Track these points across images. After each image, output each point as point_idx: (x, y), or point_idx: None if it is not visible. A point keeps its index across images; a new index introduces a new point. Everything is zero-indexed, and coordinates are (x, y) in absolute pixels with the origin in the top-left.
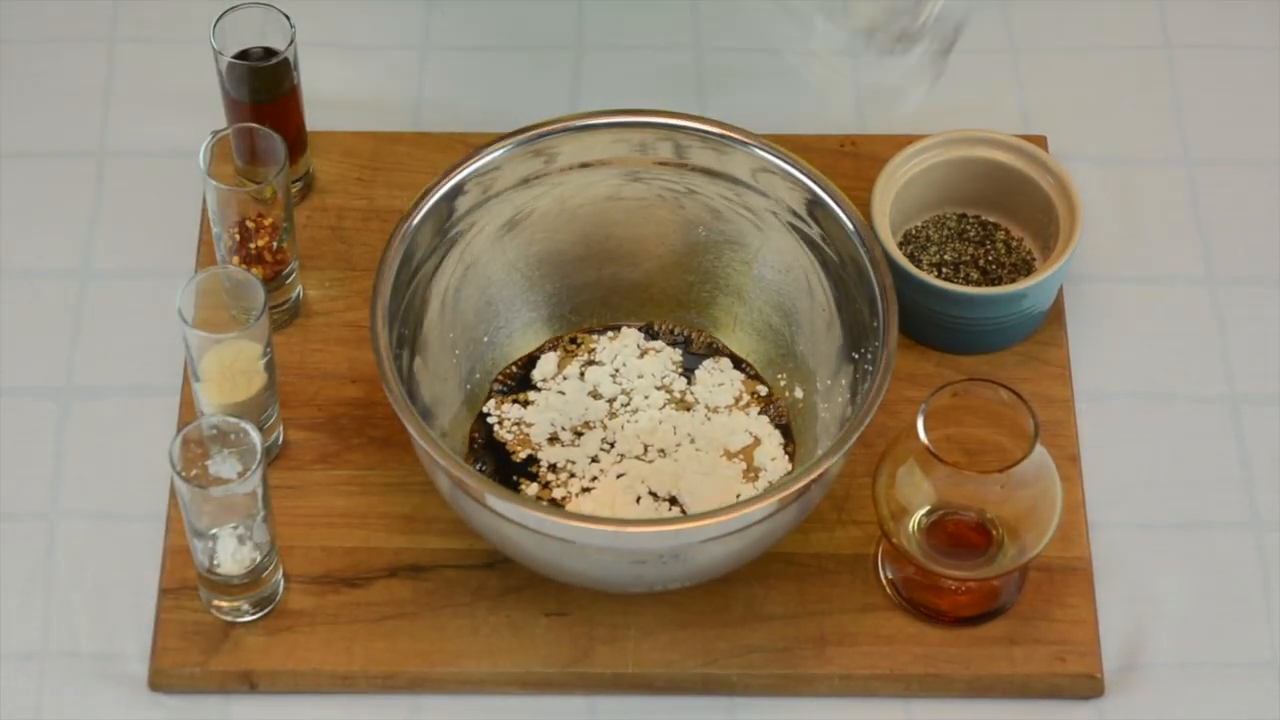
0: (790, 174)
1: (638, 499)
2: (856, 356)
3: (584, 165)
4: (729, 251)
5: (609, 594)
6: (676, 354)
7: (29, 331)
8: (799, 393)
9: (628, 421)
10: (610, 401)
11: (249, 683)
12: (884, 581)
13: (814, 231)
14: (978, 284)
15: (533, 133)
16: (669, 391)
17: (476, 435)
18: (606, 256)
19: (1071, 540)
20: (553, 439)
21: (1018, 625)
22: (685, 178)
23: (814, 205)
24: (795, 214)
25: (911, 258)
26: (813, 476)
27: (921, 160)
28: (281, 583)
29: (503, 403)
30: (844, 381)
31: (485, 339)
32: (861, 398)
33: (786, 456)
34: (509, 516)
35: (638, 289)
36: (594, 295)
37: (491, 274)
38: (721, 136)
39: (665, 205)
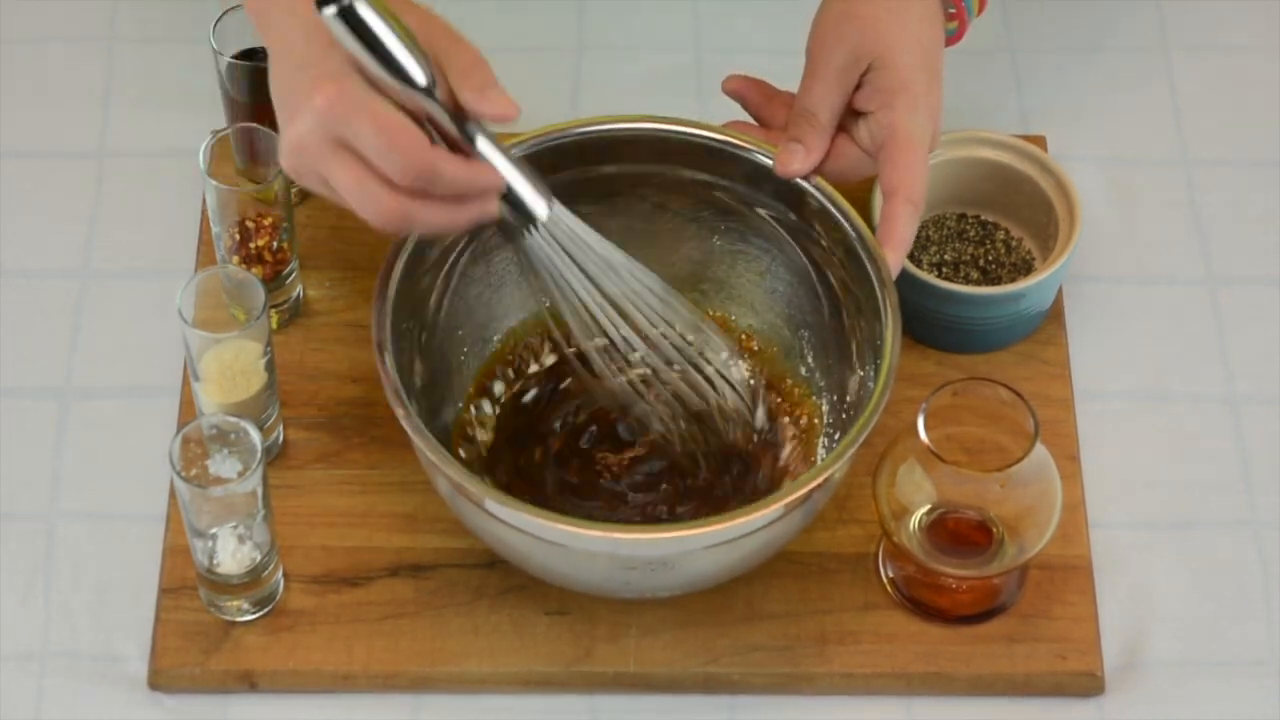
0: (797, 184)
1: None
2: (863, 373)
3: (593, 171)
4: (741, 262)
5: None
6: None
7: (29, 331)
8: (805, 405)
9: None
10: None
11: (249, 682)
12: (885, 580)
13: (822, 242)
14: (978, 284)
15: (544, 136)
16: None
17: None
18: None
19: (1071, 539)
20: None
21: (1018, 623)
22: (696, 187)
23: (819, 215)
24: (801, 223)
25: (911, 258)
26: (802, 492)
27: None
28: (281, 582)
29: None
30: (849, 397)
31: (494, 338)
32: (858, 412)
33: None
34: (505, 520)
35: None
36: None
37: (500, 275)
38: (725, 144)
39: (678, 215)
